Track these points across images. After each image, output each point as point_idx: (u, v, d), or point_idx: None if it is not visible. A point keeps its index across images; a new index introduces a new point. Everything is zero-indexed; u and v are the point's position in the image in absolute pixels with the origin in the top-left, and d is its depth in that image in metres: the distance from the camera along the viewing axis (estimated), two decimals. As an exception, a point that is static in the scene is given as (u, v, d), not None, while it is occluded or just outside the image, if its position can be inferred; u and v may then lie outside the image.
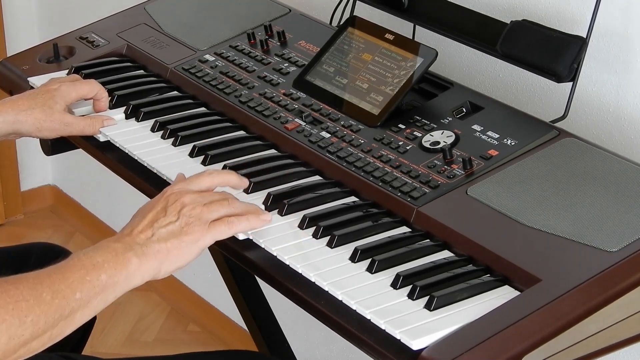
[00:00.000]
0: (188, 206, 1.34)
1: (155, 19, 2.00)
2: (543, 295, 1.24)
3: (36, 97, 1.67)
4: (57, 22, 3.25)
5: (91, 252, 1.29)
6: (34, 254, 1.83)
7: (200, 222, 1.33)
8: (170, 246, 1.32)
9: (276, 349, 2.17)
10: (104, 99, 1.73)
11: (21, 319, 1.19)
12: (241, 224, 1.36)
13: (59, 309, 1.23)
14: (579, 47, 1.57)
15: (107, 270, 1.27)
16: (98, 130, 1.68)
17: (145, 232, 1.32)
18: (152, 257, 1.31)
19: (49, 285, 1.23)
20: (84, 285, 1.25)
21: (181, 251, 1.33)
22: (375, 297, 1.28)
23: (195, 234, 1.33)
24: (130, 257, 1.29)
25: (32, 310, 1.21)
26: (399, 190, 1.45)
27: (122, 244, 1.31)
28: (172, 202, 1.35)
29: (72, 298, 1.24)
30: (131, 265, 1.29)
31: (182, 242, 1.32)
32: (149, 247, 1.31)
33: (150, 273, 1.31)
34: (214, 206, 1.35)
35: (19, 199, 3.49)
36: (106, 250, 1.29)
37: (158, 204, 1.35)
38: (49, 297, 1.22)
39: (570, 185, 1.41)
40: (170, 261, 1.32)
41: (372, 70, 1.66)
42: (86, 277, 1.26)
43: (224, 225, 1.35)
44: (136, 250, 1.30)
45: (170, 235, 1.32)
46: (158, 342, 2.93)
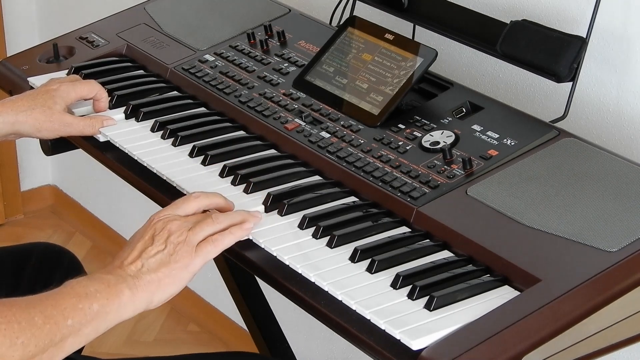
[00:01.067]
0: (175, 234, 1.34)
1: (155, 19, 2.00)
2: (543, 295, 1.24)
3: (36, 98, 1.67)
4: (57, 22, 3.25)
5: (84, 282, 1.29)
6: (34, 254, 1.83)
7: (187, 247, 1.34)
8: (161, 275, 1.32)
9: (276, 349, 2.17)
10: (104, 99, 1.73)
11: (12, 340, 1.20)
12: (225, 240, 1.36)
13: (49, 334, 1.23)
14: (579, 47, 1.57)
15: (100, 299, 1.28)
16: (98, 131, 1.68)
17: (135, 263, 1.33)
18: (144, 288, 1.32)
19: (42, 310, 1.24)
20: (76, 313, 1.26)
21: (172, 279, 1.33)
22: (375, 297, 1.28)
23: (184, 260, 1.33)
24: (122, 288, 1.30)
25: (24, 332, 1.21)
26: (398, 190, 1.45)
27: (114, 275, 1.31)
28: (159, 230, 1.35)
29: (63, 324, 1.24)
30: (123, 297, 1.30)
31: (172, 270, 1.33)
32: (140, 279, 1.32)
33: (143, 304, 1.33)
34: (198, 228, 1.35)
35: (19, 199, 3.49)
36: (99, 281, 1.30)
37: (146, 233, 1.36)
38: (40, 321, 1.22)
39: (570, 185, 1.41)
40: (162, 290, 1.33)
41: (372, 70, 1.66)
42: (78, 305, 1.26)
43: (210, 245, 1.35)
44: (128, 282, 1.31)
45: (160, 264, 1.33)
46: (158, 342, 2.93)
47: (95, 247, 3.35)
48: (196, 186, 1.52)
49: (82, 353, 1.84)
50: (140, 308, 1.32)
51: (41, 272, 1.81)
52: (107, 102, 1.74)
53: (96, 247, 3.35)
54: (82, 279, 1.30)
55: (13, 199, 3.48)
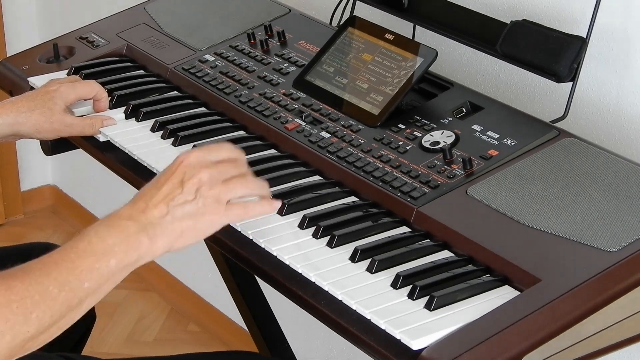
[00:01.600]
0: (206, 185, 1.29)
1: (155, 19, 2.00)
2: (543, 295, 1.24)
3: (35, 99, 1.67)
4: (57, 22, 3.25)
5: (102, 231, 1.25)
6: (34, 254, 1.81)
7: (217, 204, 1.30)
8: (184, 226, 1.28)
9: (276, 349, 2.17)
10: (104, 99, 1.73)
11: (26, 316, 1.18)
12: (256, 208, 1.33)
13: (66, 301, 1.21)
14: (579, 47, 1.57)
15: (118, 254, 1.24)
16: (98, 131, 1.68)
17: (159, 208, 1.28)
18: (165, 237, 1.27)
19: (57, 276, 1.21)
20: (93, 274, 1.23)
21: (195, 231, 1.29)
22: (375, 297, 1.28)
23: (212, 216, 1.29)
24: (141, 238, 1.26)
25: (37, 306, 1.19)
26: (399, 190, 1.45)
27: (134, 222, 1.26)
28: (189, 177, 1.29)
29: (80, 289, 1.22)
30: (142, 247, 1.26)
31: (197, 222, 1.29)
32: (162, 227, 1.27)
33: (162, 250, 1.28)
34: (232, 185, 1.31)
35: (19, 199, 3.49)
36: (118, 229, 1.25)
37: (174, 176, 1.30)
38: (55, 290, 1.20)
39: (570, 185, 1.41)
40: (183, 239, 1.29)
41: (372, 70, 1.66)
42: (95, 265, 1.23)
43: (241, 209, 1.32)
44: (148, 230, 1.26)
45: (186, 215, 1.28)
46: (158, 342, 2.93)
47: (95, 247, 3.34)
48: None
49: (82, 353, 1.85)
50: (158, 254, 1.28)
51: (41, 272, 1.81)
52: (107, 102, 1.74)
53: (96, 247, 3.34)
54: (101, 227, 1.26)
55: (13, 199, 3.48)
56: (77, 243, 1.25)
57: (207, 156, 1.32)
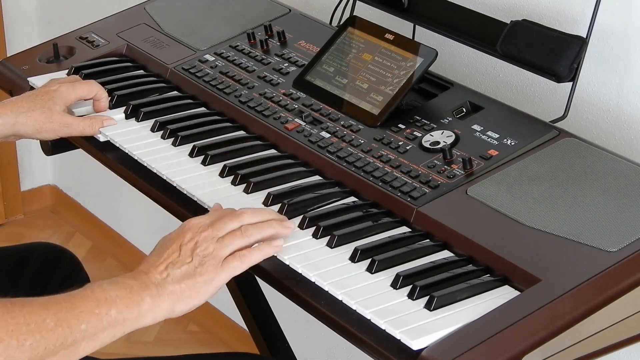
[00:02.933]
0: (201, 246, 1.32)
1: (155, 19, 2.00)
2: (543, 295, 1.24)
3: (35, 99, 1.67)
4: (57, 22, 3.25)
5: (106, 285, 1.28)
6: (34, 254, 1.83)
7: (213, 262, 1.32)
8: (184, 287, 1.30)
9: (276, 349, 2.17)
10: (104, 99, 1.73)
11: (20, 342, 1.19)
12: (253, 256, 1.34)
13: (61, 337, 1.22)
14: (579, 47, 1.57)
15: (119, 306, 1.27)
16: (98, 131, 1.68)
17: (160, 271, 1.31)
18: (166, 298, 1.30)
19: (55, 312, 1.22)
20: (92, 318, 1.25)
21: (195, 292, 1.31)
22: (375, 297, 1.28)
23: (209, 274, 1.31)
24: (144, 296, 1.28)
25: (32, 334, 1.20)
26: (399, 190, 1.45)
27: (138, 282, 1.30)
28: (187, 240, 1.33)
29: (77, 328, 1.24)
30: (144, 305, 1.28)
31: (196, 282, 1.31)
32: (164, 288, 1.30)
33: (164, 313, 1.30)
34: (227, 240, 1.33)
35: (19, 199, 3.49)
36: (121, 286, 1.28)
37: (175, 241, 1.34)
38: (52, 324, 1.21)
39: (570, 185, 1.41)
40: (184, 301, 1.31)
41: (372, 70, 1.66)
42: (95, 310, 1.25)
43: (237, 261, 1.33)
44: (151, 290, 1.29)
45: (184, 276, 1.31)
46: (158, 342, 2.93)
47: (95, 247, 3.35)
48: (196, 185, 1.52)
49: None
50: (160, 317, 1.30)
51: (41, 272, 1.81)
52: (107, 102, 1.74)
53: (96, 247, 3.35)
54: (105, 282, 1.29)
55: (13, 199, 3.48)
56: (80, 291, 1.28)
57: (207, 219, 1.36)
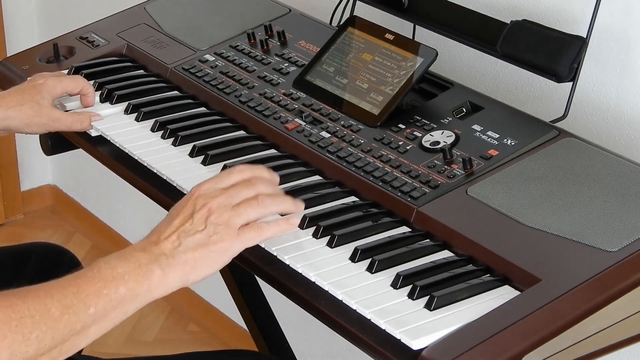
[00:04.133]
0: (215, 213, 1.27)
1: (155, 19, 2.00)
2: (543, 295, 1.24)
3: (24, 93, 1.68)
4: (57, 22, 3.25)
5: (113, 261, 1.24)
6: (34, 254, 1.83)
7: (228, 230, 1.27)
8: (197, 256, 1.26)
9: (276, 349, 2.17)
10: (91, 94, 1.74)
11: (25, 335, 1.15)
12: (271, 230, 1.30)
13: (68, 325, 1.18)
14: (579, 47, 1.57)
15: (128, 282, 1.22)
16: (86, 126, 1.69)
17: (171, 240, 1.26)
18: (179, 268, 1.25)
19: (60, 299, 1.18)
20: (100, 299, 1.20)
21: (209, 261, 1.27)
22: (375, 297, 1.28)
23: (224, 243, 1.27)
24: (154, 268, 1.24)
25: (38, 326, 1.16)
26: (399, 190, 1.45)
27: (147, 253, 1.25)
28: (200, 207, 1.28)
29: (84, 313, 1.19)
30: (154, 277, 1.24)
31: (210, 251, 1.27)
32: (176, 258, 1.25)
33: (176, 283, 1.26)
34: (243, 208, 1.29)
35: (19, 199, 3.49)
36: (129, 260, 1.24)
37: (185, 209, 1.29)
38: (57, 312, 1.18)
39: (570, 185, 1.41)
40: (198, 271, 1.27)
41: (372, 70, 1.66)
42: (103, 291, 1.21)
43: (254, 232, 1.29)
44: (161, 261, 1.25)
45: (198, 245, 1.26)
46: (158, 342, 2.93)
47: (95, 247, 3.35)
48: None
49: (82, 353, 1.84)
50: (173, 287, 1.26)
51: (41, 272, 1.81)
52: (94, 97, 1.75)
53: (96, 247, 3.35)
54: (112, 257, 1.24)
55: (13, 199, 3.48)
56: (86, 271, 1.23)
57: (218, 184, 1.31)
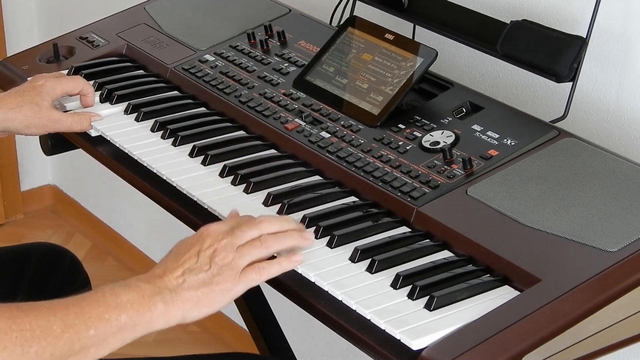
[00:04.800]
0: (220, 254, 1.29)
1: (155, 19, 2.00)
2: (543, 295, 1.24)
3: (23, 94, 1.68)
4: (57, 22, 3.25)
5: (118, 289, 1.25)
6: (34, 254, 1.83)
7: (231, 272, 1.29)
8: (200, 295, 1.28)
9: (276, 349, 2.17)
10: (91, 94, 1.74)
11: (24, 349, 1.17)
12: (272, 269, 1.32)
13: (68, 343, 1.19)
14: (579, 47, 1.57)
15: (129, 311, 1.24)
16: (86, 127, 1.69)
17: (176, 276, 1.28)
18: (180, 305, 1.27)
19: (63, 317, 1.20)
20: (101, 323, 1.22)
21: (211, 300, 1.29)
22: (375, 297, 1.28)
23: (227, 284, 1.29)
24: (156, 301, 1.26)
25: (38, 341, 1.18)
26: (399, 190, 1.45)
27: (151, 285, 1.27)
28: (206, 247, 1.30)
29: (85, 334, 1.21)
30: (156, 310, 1.26)
31: (212, 291, 1.29)
32: (178, 294, 1.27)
33: (177, 319, 1.28)
34: (246, 250, 1.30)
35: (19, 199, 3.49)
36: (134, 290, 1.26)
37: (193, 247, 1.31)
38: (59, 330, 1.19)
39: (570, 185, 1.41)
40: (199, 309, 1.29)
41: (372, 70, 1.66)
42: (105, 315, 1.22)
43: (255, 274, 1.31)
44: (164, 295, 1.27)
45: (201, 284, 1.28)
46: (158, 342, 2.93)
47: (95, 247, 3.35)
48: (196, 185, 1.52)
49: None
50: (172, 322, 1.28)
51: (41, 272, 1.81)
52: (94, 97, 1.75)
53: (96, 247, 3.35)
54: (118, 285, 1.26)
55: (13, 199, 3.48)
56: (90, 294, 1.25)
57: (227, 226, 1.33)
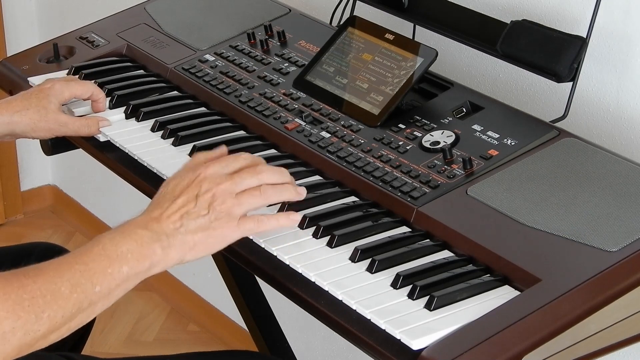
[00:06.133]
0: (219, 199, 1.31)
1: (155, 19, 2.00)
2: (543, 295, 1.24)
3: (30, 98, 1.68)
4: (57, 22, 3.26)
5: (117, 238, 1.28)
6: (34, 254, 1.83)
7: (229, 218, 1.32)
8: (197, 239, 1.31)
9: (276, 349, 2.17)
10: (102, 100, 1.73)
11: (37, 315, 1.19)
12: (270, 223, 1.34)
13: (77, 303, 1.23)
14: (579, 47, 1.57)
15: (130, 261, 1.26)
16: (94, 131, 1.68)
17: (173, 220, 1.30)
18: (178, 248, 1.30)
19: (69, 278, 1.23)
20: (105, 278, 1.25)
21: (207, 244, 1.32)
22: (375, 297, 1.28)
23: (224, 230, 1.32)
24: (155, 248, 1.28)
25: (49, 306, 1.20)
26: (399, 190, 1.45)
27: (149, 231, 1.29)
28: (204, 190, 1.32)
29: (91, 291, 1.24)
30: (155, 256, 1.28)
31: (209, 236, 1.31)
32: (176, 238, 1.30)
33: (174, 262, 1.31)
34: (245, 198, 1.32)
35: (19, 199, 3.49)
36: (132, 238, 1.28)
37: (190, 189, 1.32)
38: (67, 291, 1.22)
39: (570, 185, 1.41)
40: (195, 252, 1.32)
41: (372, 70, 1.66)
42: (108, 270, 1.25)
43: (253, 223, 1.33)
44: (162, 241, 1.29)
45: (199, 228, 1.31)
46: (158, 342, 2.93)
47: (95, 247, 3.34)
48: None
49: (82, 353, 1.85)
50: (170, 265, 1.31)
51: (41, 272, 1.81)
52: (105, 103, 1.74)
53: (96, 247, 3.34)
54: (116, 233, 1.28)
55: (13, 199, 3.48)
56: (91, 247, 1.27)
57: (224, 169, 1.35)
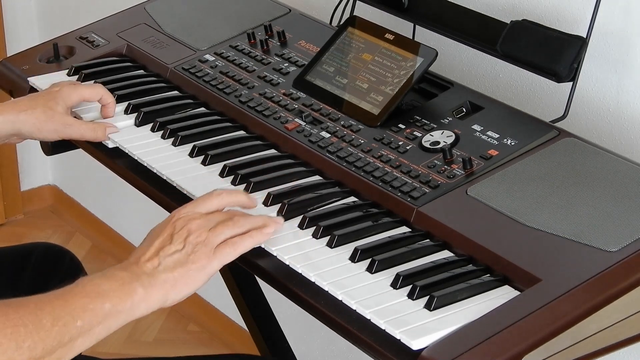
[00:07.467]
0: (194, 233, 1.32)
1: (155, 19, 2.00)
2: (543, 295, 1.24)
3: (37, 98, 1.68)
4: (57, 22, 3.26)
5: (97, 280, 1.28)
6: (34, 254, 1.83)
7: (205, 249, 1.32)
8: (177, 275, 1.31)
9: (276, 349, 2.17)
10: (111, 105, 1.72)
11: (18, 344, 1.19)
12: (245, 243, 1.35)
13: (58, 336, 1.22)
14: (579, 47, 1.57)
15: (112, 299, 1.26)
16: (100, 136, 1.66)
17: (151, 261, 1.31)
18: (159, 287, 1.30)
19: (50, 311, 1.23)
20: (86, 314, 1.25)
21: (188, 280, 1.31)
22: (375, 297, 1.28)
23: (202, 261, 1.32)
24: (136, 287, 1.28)
25: (31, 336, 1.20)
26: (399, 190, 1.45)
27: (128, 273, 1.29)
28: (179, 228, 1.33)
29: (72, 325, 1.23)
30: (137, 296, 1.28)
31: (188, 270, 1.31)
32: (156, 277, 1.30)
33: (157, 303, 1.30)
34: (219, 229, 1.34)
35: (19, 199, 3.49)
36: (112, 279, 1.28)
37: (165, 231, 1.34)
38: (48, 323, 1.22)
39: (570, 185, 1.41)
40: (177, 290, 1.31)
41: (372, 70, 1.66)
42: (89, 305, 1.25)
43: (229, 248, 1.33)
44: (142, 280, 1.29)
45: (177, 264, 1.31)
46: (158, 342, 2.93)
47: (95, 247, 3.35)
48: (196, 186, 1.52)
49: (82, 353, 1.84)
50: (153, 307, 1.30)
51: (41, 272, 1.81)
52: (114, 108, 1.73)
53: (96, 247, 3.35)
54: (96, 276, 1.29)
55: (13, 199, 3.48)
56: (71, 288, 1.28)
57: (197, 208, 1.37)
